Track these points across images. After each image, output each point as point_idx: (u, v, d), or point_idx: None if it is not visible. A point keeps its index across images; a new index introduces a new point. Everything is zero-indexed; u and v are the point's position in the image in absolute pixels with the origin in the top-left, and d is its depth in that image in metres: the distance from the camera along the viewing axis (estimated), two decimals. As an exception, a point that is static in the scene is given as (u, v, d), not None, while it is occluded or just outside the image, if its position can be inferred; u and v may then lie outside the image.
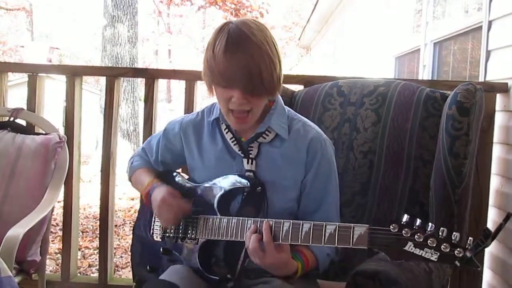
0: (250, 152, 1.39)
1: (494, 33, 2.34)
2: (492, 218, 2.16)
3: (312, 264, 1.35)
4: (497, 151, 2.15)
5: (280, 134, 1.40)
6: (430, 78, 3.71)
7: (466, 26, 3.03)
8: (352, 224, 1.17)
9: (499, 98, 2.14)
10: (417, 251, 1.07)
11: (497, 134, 2.14)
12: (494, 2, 2.36)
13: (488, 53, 2.37)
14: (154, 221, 1.52)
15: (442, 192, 1.55)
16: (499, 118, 2.15)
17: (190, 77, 2.34)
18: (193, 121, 1.51)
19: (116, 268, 4.14)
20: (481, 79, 2.42)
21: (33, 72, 2.41)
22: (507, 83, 2.11)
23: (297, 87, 2.17)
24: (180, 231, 1.42)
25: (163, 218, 1.42)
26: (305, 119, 1.47)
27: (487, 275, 2.21)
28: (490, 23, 2.38)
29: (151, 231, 1.52)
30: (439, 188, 1.56)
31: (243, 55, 1.24)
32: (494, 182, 2.16)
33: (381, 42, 5.28)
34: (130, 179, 1.64)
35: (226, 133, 1.43)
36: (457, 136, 1.52)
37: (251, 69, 1.25)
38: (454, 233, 1.05)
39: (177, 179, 1.54)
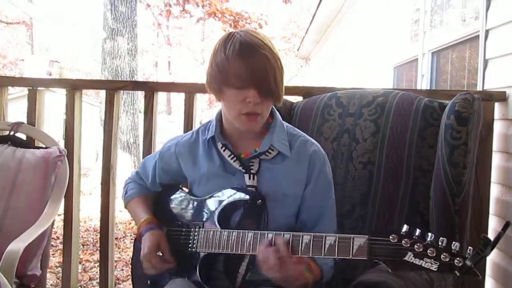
0: (252, 167, 1.39)
1: (492, 42, 2.35)
2: (493, 227, 2.15)
3: (317, 278, 1.35)
4: (496, 159, 2.15)
5: (282, 152, 1.40)
6: (428, 87, 3.72)
7: (463, 35, 3.04)
8: (352, 235, 1.17)
9: (497, 106, 2.15)
10: (417, 261, 1.07)
11: (496, 143, 2.14)
12: (491, 11, 2.37)
13: (485, 62, 2.38)
14: None
15: (442, 202, 1.55)
16: (498, 127, 2.15)
17: (189, 89, 2.35)
18: (187, 141, 1.51)
19: (117, 281, 4.12)
20: (479, 88, 2.43)
21: (33, 86, 2.43)
22: (505, 92, 2.12)
23: (296, 98, 2.18)
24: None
25: (144, 267, 1.42)
26: (304, 134, 1.47)
27: (489, 284, 2.20)
28: (487, 32, 2.39)
29: None
30: (439, 198, 1.56)
31: (259, 57, 1.27)
32: (494, 190, 2.16)
33: (379, 52, 5.30)
34: (125, 207, 1.63)
35: (224, 151, 1.42)
36: (456, 146, 1.52)
37: (268, 70, 1.27)
38: (453, 242, 1.06)
39: (174, 196, 1.53)
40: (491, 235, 2.12)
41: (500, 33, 2.28)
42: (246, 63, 1.26)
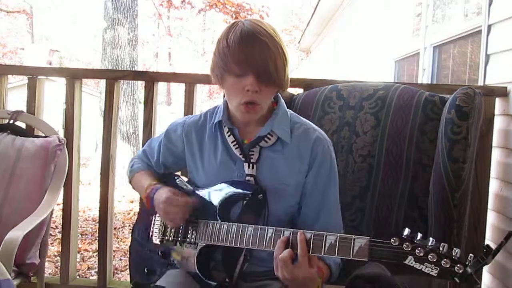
0: (251, 156, 1.38)
1: (494, 37, 2.34)
2: (491, 222, 2.16)
3: (327, 277, 1.32)
4: (496, 155, 2.15)
5: (282, 138, 1.38)
6: (429, 82, 3.71)
7: (465, 30, 3.04)
8: (353, 236, 1.15)
9: (498, 102, 2.15)
10: (417, 266, 1.06)
11: (496, 138, 2.14)
12: (494, 6, 2.36)
13: (487, 57, 2.37)
14: (153, 224, 1.51)
15: (441, 196, 1.55)
16: (498, 122, 2.15)
17: (189, 80, 2.34)
18: (195, 123, 1.50)
19: (115, 271, 4.13)
20: (480, 83, 2.42)
21: (33, 74, 2.42)
22: (506, 87, 2.12)
23: (296, 90, 2.18)
24: (180, 234, 1.42)
25: (170, 217, 1.39)
26: (308, 122, 1.46)
27: (487, 279, 2.21)
28: (489, 27, 2.38)
29: (150, 233, 1.51)
30: (438, 192, 1.56)
31: (259, 44, 1.27)
32: (493, 186, 2.16)
33: (381, 46, 5.29)
34: (130, 182, 1.63)
35: (228, 136, 1.41)
36: (456, 140, 1.52)
37: (267, 56, 1.27)
38: (454, 249, 1.05)
39: (178, 182, 1.54)
40: (489, 231, 2.14)
41: (503, 28, 2.27)
42: (245, 50, 1.27)
